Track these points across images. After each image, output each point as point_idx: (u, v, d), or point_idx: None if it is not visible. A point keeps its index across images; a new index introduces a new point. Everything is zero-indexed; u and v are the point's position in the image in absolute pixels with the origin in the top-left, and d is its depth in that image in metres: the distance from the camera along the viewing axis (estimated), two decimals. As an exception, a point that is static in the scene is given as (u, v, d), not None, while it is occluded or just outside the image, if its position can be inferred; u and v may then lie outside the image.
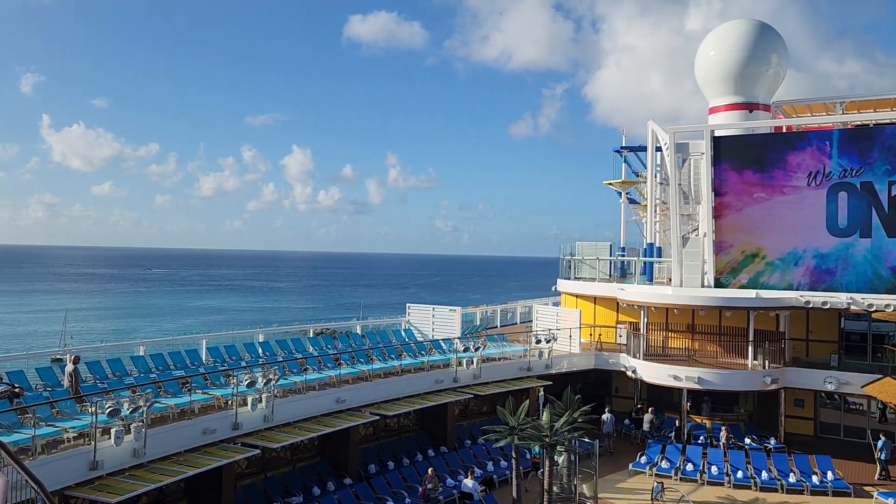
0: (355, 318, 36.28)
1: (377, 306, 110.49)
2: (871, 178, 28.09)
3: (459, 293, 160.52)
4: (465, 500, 21.79)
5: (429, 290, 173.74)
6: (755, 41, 33.18)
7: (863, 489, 23.33)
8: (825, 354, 29.63)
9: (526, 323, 40.98)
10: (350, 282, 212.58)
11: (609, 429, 28.28)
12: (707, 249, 31.08)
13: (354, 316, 40.87)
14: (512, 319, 44.45)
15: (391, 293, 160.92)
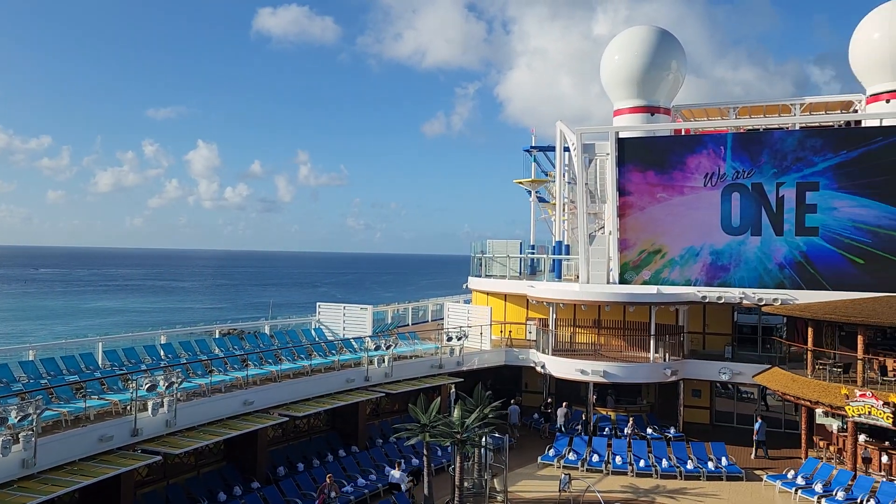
0: (264, 318, 35.33)
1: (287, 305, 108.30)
2: (761, 180, 29.76)
3: (371, 292, 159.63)
4: (394, 490, 21.95)
5: (340, 289, 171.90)
6: (656, 47, 34.55)
7: (753, 473, 24.71)
8: (720, 347, 31.21)
9: (437, 321, 41.19)
10: (258, 281, 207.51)
11: (514, 420, 28.89)
12: (612, 247, 32.11)
13: (263, 316, 39.80)
14: (424, 317, 44.55)
15: (301, 292, 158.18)
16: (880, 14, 31.44)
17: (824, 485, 22.58)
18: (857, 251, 28.42)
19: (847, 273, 28.51)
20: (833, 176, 28.62)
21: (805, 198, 29.11)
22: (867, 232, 28.22)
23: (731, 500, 22.35)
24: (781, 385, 26.18)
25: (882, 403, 22.36)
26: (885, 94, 31.04)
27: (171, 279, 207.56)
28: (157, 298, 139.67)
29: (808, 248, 29.15)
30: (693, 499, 22.35)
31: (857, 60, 32.17)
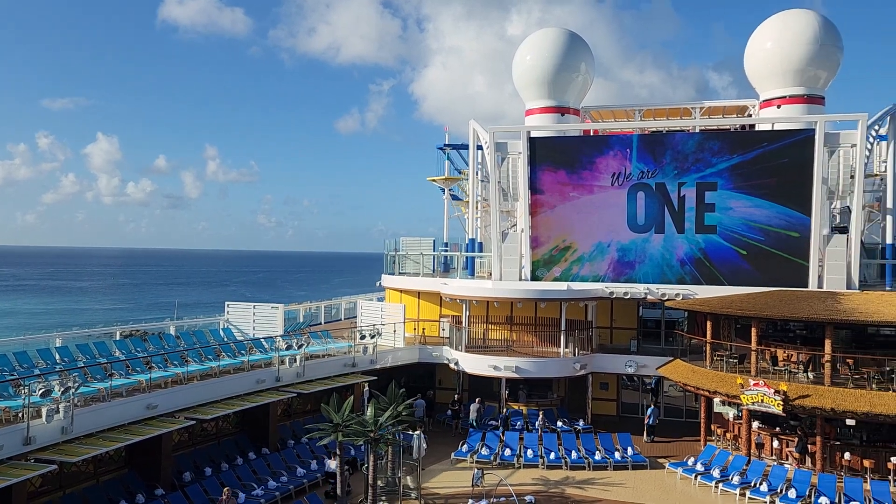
0: (169, 319, 34.04)
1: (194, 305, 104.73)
2: (664, 180, 31.00)
3: (283, 290, 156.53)
4: (330, 479, 22.16)
5: (250, 288, 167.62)
6: (566, 49, 35.35)
7: (657, 461, 25.73)
8: (626, 341, 32.34)
9: (351, 319, 40.83)
10: (163, 280, 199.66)
11: (420, 413, 29.03)
12: (524, 245, 32.69)
13: (168, 316, 38.33)
14: (337, 316, 44.07)
15: (209, 291, 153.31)
16: (772, 25, 33.31)
17: (721, 470, 23.77)
18: (751, 248, 30.04)
19: (741, 269, 30.09)
20: (729, 177, 30.14)
21: (704, 197, 30.54)
22: (759, 230, 29.88)
23: (637, 487, 23.18)
24: (682, 376, 27.36)
25: (773, 392, 23.73)
26: (776, 100, 32.90)
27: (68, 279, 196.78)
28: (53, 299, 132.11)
29: (706, 246, 30.59)
30: (601, 488, 23.04)
31: (752, 68, 33.96)
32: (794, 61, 31.88)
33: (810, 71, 31.90)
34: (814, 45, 31.51)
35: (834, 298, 26.25)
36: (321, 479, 22.85)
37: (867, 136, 28.65)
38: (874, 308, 24.51)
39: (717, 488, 22.87)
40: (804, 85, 32.24)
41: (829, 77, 32.61)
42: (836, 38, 32.24)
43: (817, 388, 24.02)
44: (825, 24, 32.06)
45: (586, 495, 22.37)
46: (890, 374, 23.84)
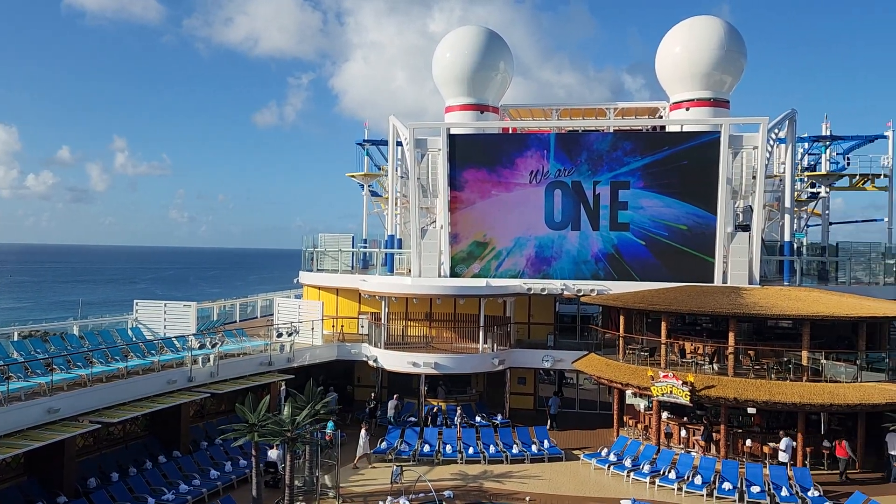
0: (72, 318, 32.37)
1: (100, 304, 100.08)
2: (579, 178, 31.74)
3: (196, 288, 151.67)
4: (270, 469, 22.10)
5: (161, 285, 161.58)
6: (486, 47, 35.69)
7: (571, 452, 26.36)
8: (543, 336, 32.96)
9: (267, 316, 39.99)
10: (67, 277, 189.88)
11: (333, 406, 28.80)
12: (444, 241, 32.81)
13: (71, 315, 36.44)
14: (253, 314, 43.11)
15: (117, 289, 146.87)
16: (680, 30, 34.63)
17: (633, 459, 24.60)
18: (661, 245, 31.15)
19: (652, 265, 31.17)
20: (641, 176, 31.15)
21: (618, 196, 31.46)
22: (669, 227, 31.02)
23: (553, 479, 23.67)
24: (597, 369, 28.13)
25: (681, 383, 24.71)
26: (685, 103, 34.24)
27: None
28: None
29: (619, 243, 31.53)
30: (518, 481, 23.40)
31: (662, 71, 35.22)
32: (700, 66, 33.26)
33: (716, 75, 33.34)
34: (719, 51, 32.94)
35: (737, 293, 27.56)
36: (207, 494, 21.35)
37: (768, 139, 30.19)
38: (773, 302, 25.88)
39: (628, 477, 23.62)
40: (710, 89, 33.69)
41: (733, 82, 34.18)
42: (741, 44, 33.84)
43: (722, 378, 25.18)
44: (730, 31, 33.58)
45: (504, 488, 22.67)
46: (787, 364, 25.24)
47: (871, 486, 22.63)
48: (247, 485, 21.72)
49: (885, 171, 38.46)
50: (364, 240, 40.42)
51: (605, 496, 22.06)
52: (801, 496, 21.60)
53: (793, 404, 23.71)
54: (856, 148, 39.48)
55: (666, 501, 21.55)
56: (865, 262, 33.30)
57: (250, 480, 20.84)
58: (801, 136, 37.87)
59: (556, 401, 30.60)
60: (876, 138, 38.79)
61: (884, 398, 23.45)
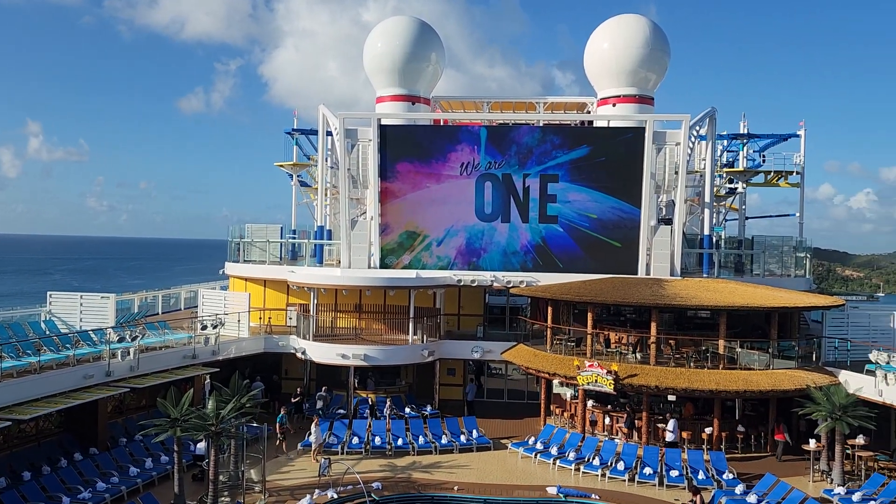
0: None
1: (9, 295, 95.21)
2: (510, 171, 32.04)
3: (115, 279, 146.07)
4: (198, 462, 21.87)
5: (78, 276, 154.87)
6: (418, 38, 35.49)
7: (499, 441, 26.70)
8: (473, 327, 33.22)
9: (191, 309, 38.89)
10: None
11: (259, 396, 28.43)
12: (374, 232, 32.59)
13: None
14: (176, 305, 41.83)
15: (28, 280, 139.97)
16: (608, 28, 35.32)
17: (559, 447, 25.12)
18: (588, 238, 31.78)
19: (579, 257, 31.78)
20: (569, 169, 31.68)
21: (547, 189, 31.90)
22: (595, 220, 31.67)
23: (481, 468, 23.92)
24: (525, 360, 28.56)
25: (606, 372, 25.36)
26: (612, 99, 34.98)
27: None
28: None
29: (547, 235, 32.00)
30: (447, 471, 23.54)
31: (590, 67, 35.86)
32: (626, 63, 34.02)
33: (641, 73, 34.18)
34: (644, 49, 33.78)
35: (659, 285, 28.44)
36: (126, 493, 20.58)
37: (689, 136, 31.18)
38: (693, 293, 26.83)
39: (554, 465, 24.11)
40: (636, 86, 34.51)
41: (657, 79, 35.12)
42: (665, 43, 34.77)
43: (644, 367, 25.97)
44: (655, 30, 34.46)
45: (433, 479, 22.77)
46: (705, 353, 26.24)
47: (782, 467, 23.83)
48: (169, 482, 21.11)
49: (798, 168, 40.32)
50: (293, 230, 39.75)
51: (532, 483, 22.45)
52: (717, 479, 22.52)
53: (710, 391, 24.68)
54: (771, 146, 41.23)
55: (590, 487, 22.08)
56: (778, 255, 34.91)
57: (172, 477, 20.26)
58: (721, 134, 39.26)
59: (472, 388, 31.32)
60: (789, 137, 40.60)
61: (793, 384, 24.68)
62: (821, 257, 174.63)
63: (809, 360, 26.90)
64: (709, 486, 21.87)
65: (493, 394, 33.86)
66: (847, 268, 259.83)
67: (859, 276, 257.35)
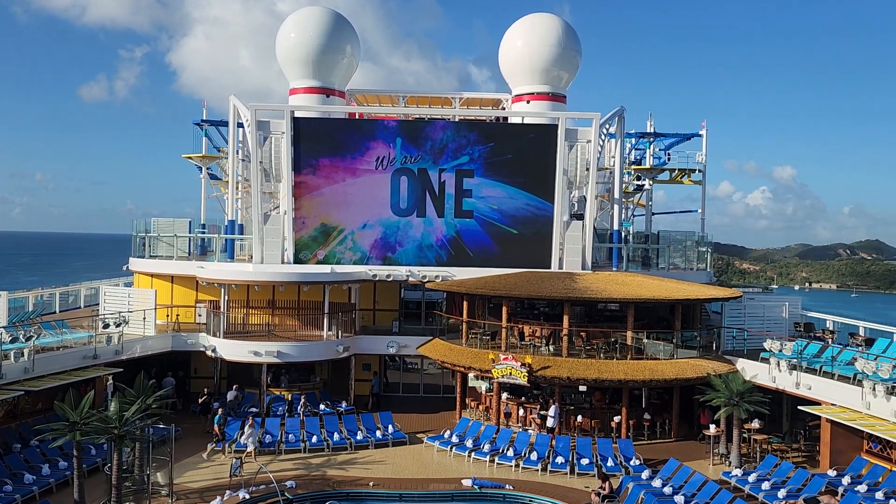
0: None
1: None
2: (425, 166, 32.04)
3: (8, 275, 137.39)
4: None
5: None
6: (332, 30, 34.97)
7: (415, 436, 26.74)
8: (389, 322, 33.09)
9: (92, 306, 37.09)
10: None
11: (171, 392, 27.71)
12: (287, 227, 31.94)
13: None
14: (75, 303, 39.81)
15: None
16: (522, 25, 35.87)
17: (474, 440, 25.39)
18: (502, 232, 32.18)
19: (494, 252, 32.14)
20: (484, 165, 31.97)
21: (462, 184, 32.08)
22: (510, 216, 32.10)
23: (396, 463, 23.89)
24: (440, 354, 28.69)
25: (520, 364, 25.81)
26: (525, 96, 35.57)
27: None
28: None
29: (462, 229, 32.20)
30: (362, 467, 23.39)
31: (505, 64, 36.33)
32: (540, 61, 34.66)
33: (554, 71, 34.91)
34: (557, 48, 34.50)
35: (571, 278, 29.15)
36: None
37: (600, 134, 32.05)
38: (603, 286, 27.64)
39: (469, 457, 24.35)
40: (549, 84, 35.22)
41: (570, 78, 35.96)
42: (577, 42, 35.63)
43: (556, 359, 26.57)
44: (567, 30, 35.25)
45: (348, 475, 22.58)
46: (614, 344, 27.10)
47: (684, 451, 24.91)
48: (68, 488, 20.04)
49: (700, 166, 42.13)
50: (202, 225, 38.46)
51: (448, 477, 22.60)
52: (625, 465, 23.34)
53: (619, 381, 25.52)
54: (675, 144, 42.89)
55: (504, 478, 22.43)
56: (682, 249, 36.42)
57: (72, 483, 19.25)
58: (629, 132, 40.54)
59: (377, 381, 31.50)
60: (692, 136, 42.35)
61: (695, 372, 25.83)
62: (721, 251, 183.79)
63: (710, 349, 28.23)
64: (617, 473, 22.64)
65: (409, 388, 33.89)
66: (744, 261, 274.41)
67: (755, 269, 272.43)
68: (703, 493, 20.18)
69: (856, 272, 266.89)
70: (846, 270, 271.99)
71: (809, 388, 23.87)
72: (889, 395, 21.00)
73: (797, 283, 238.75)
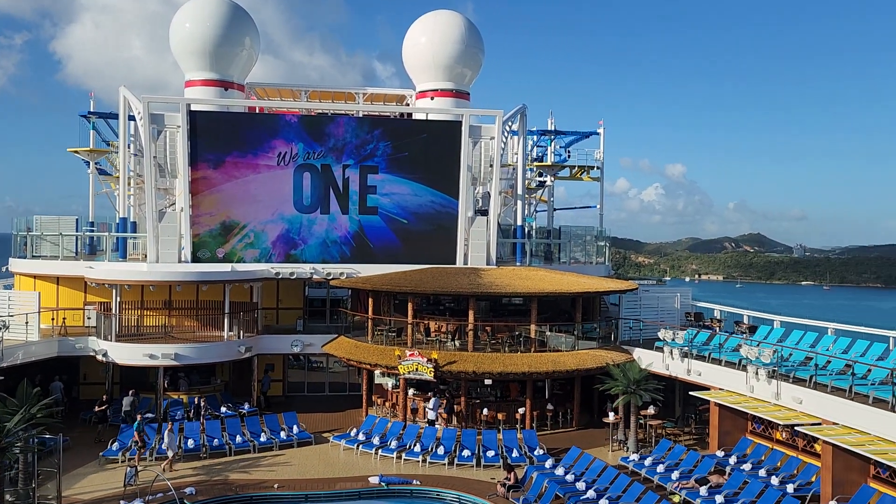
0: None
1: None
2: (329, 162, 31.58)
3: None
4: None
5: None
6: (230, 21, 33.85)
7: (321, 435, 26.38)
8: (293, 320, 32.47)
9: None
10: None
11: (58, 396, 26.41)
12: (184, 224, 30.74)
13: None
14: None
15: None
16: (425, 22, 35.96)
17: (381, 437, 25.30)
18: (408, 229, 32.19)
19: (399, 248, 32.09)
20: (388, 161, 31.85)
21: (367, 180, 31.83)
22: (415, 212, 32.14)
23: (302, 464, 23.48)
24: (346, 352, 28.42)
25: (426, 360, 25.91)
26: (430, 92, 35.69)
27: None
28: None
29: (367, 226, 31.96)
30: (266, 469, 22.85)
31: (409, 60, 36.32)
32: (443, 58, 34.86)
33: (457, 68, 35.19)
34: (460, 46, 34.79)
35: (476, 274, 29.52)
36: None
37: (503, 131, 32.56)
38: (507, 281, 28.14)
39: (377, 454, 24.24)
40: (453, 80, 35.49)
41: (473, 75, 36.35)
42: (479, 40, 36.05)
43: (462, 354, 26.84)
44: (470, 27, 35.61)
45: (251, 478, 22.00)
46: (518, 337, 27.65)
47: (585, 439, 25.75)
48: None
49: (598, 163, 43.55)
50: (90, 223, 36.37)
51: (354, 475, 22.41)
52: (529, 455, 23.87)
53: (523, 373, 26.07)
54: (575, 142, 44.12)
55: (412, 473, 22.46)
56: (582, 244, 37.59)
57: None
58: (531, 130, 41.40)
59: (267, 379, 31.15)
60: (590, 134, 43.73)
61: (595, 363, 26.73)
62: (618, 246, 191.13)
63: (609, 340, 29.30)
64: (522, 463, 23.12)
65: (315, 388, 33.40)
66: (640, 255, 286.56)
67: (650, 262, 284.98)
68: (603, 479, 20.92)
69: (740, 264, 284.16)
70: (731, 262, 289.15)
71: (699, 375, 25.20)
72: (770, 378, 22.44)
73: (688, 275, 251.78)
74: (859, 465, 19.14)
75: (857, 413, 19.44)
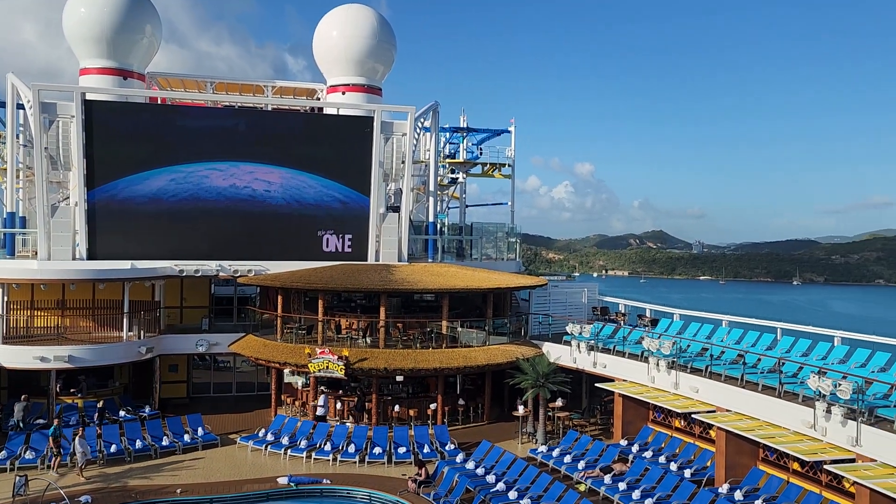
0: None
1: None
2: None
3: None
4: None
5: None
6: (129, 6, 32.20)
7: (228, 437, 25.62)
8: (198, 319, 31.37)
9: None
10: None
11: None
12: (80, 220, 29.16)
13: None
14: None
15: None
16: (336, 16, 35.39)
17: (290, 437, 24.80)
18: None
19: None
20: (298, 157, 31.20)
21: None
22: (326, 208, 31.66)
23: (207, 467, 22.73)
24: (254, 351, 27.73)
25: (337, 358, 25.61)
26: (341, 87, 35.19)
27: None
28: None
29: (277, 222, 31.24)
30: (169, 474, 22.00)
31: (320, 54, 35.68)
32: (354, 52, 34.43)
33: (369, 63, 34.85)
34: (372, 40, 34.46)
35: (388, 270, 29.39)
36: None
37: (415, 127, 32.52)
38: (418, 277, 28.15)
39: (286, 455, 23.77)
40: (364, 76, 35.11)
41: (385, 71, 36.09)
42: (391, 36, 35.81)
43: (373, 351, 26.68)
44: (382, 22, 35.31)
45: (152, 484, 21.12)
46: (430, 333, 27.72)
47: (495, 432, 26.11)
48: None
49: (509, 161, 44.16)
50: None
51: (262, 476, 21.88)
52: (441, 450, 23.98)
53: (434, 369, 26.15)
54: (487, 140, 44.57)
55: (322, 473, 22.14)
56: (494, 240, 38.06)
57: None
58: (443, 127, 41.52)
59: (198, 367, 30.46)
60: (502, 132, 44.25)
61: (505, 358, 27.13)
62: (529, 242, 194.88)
63: (519, 335, 29.80)
64: (433, 459, 23.20)
65: (221, 388, 32.41)
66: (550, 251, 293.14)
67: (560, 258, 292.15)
68: (513, 471, 21.26)
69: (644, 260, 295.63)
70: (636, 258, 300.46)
71: (605, 367, 26.00)
72: (670, 369, 23.42)
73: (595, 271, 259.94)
74: (750, 449, 20.26)
75: (748, 400, 20.55)
